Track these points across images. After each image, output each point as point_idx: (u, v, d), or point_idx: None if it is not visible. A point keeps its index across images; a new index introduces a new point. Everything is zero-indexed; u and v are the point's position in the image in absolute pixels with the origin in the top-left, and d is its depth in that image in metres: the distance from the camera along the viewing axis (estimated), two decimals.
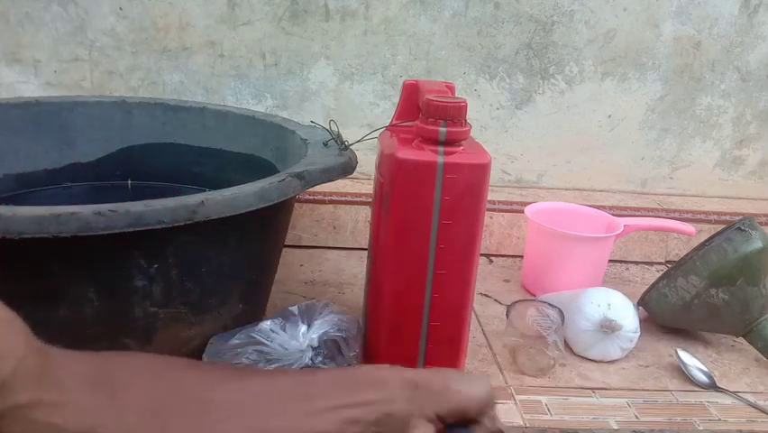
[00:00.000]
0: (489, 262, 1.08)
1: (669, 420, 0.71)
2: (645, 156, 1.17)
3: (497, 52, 1.08)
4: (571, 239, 0.91)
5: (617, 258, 1.10)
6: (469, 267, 0.67)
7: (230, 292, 0.68)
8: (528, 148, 1.14)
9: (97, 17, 1.00)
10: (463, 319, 0.70)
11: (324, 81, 1.07)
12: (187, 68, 1.04)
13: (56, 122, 0.88)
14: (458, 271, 0.67)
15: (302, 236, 1.05)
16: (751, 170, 1.21)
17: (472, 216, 0.66)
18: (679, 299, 0.84)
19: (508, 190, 1.14)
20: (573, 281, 0.90)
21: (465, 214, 0.65)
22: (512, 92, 1.11)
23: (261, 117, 0.89)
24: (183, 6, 1.01)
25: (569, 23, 1.07)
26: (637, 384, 0.77)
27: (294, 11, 1.03)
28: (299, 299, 0.76)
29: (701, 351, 0.85)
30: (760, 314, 0.82)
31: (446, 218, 0.64)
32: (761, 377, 0.81)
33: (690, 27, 1.09)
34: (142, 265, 0.58)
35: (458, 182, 0.63)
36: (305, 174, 0.67)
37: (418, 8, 1.04)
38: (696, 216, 1.11)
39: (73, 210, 0.52)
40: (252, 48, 1.04)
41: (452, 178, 0.63)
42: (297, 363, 0.63)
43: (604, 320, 0.78)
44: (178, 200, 0.57)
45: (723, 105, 1.15)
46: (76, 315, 0.58)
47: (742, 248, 0.81)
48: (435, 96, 0.64)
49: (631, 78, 1.12)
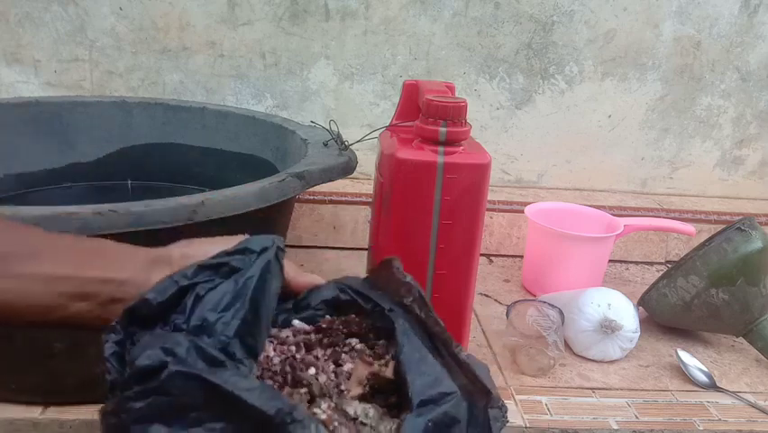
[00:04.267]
0: (489, 262, 1.08)
1: (669, 420, 0.71)
2: (645, 156, 1.17)
3: (497, 52, 1.08)
4: (571, 239, 0.91)
5: (617, 258, 1.10)
6: (469, 267, 0.67)
7: None
8: (528, 148, 1.14)
9: (97, 17, 1.00)
10: (464, 319, 0.70)
11: (324, 81, 1.07)
12: (187, 68, 1.04)
13: (56, 122, 0.88)
14: (458, 271, 0.67)
15: (302, 236, 1.05)
16: (751, 170, 1.21)
17: (472, 215, 0.66)
18: (679, 299, 0.84)
19: (508, 190, 1.14)
20: (573, 281, 0.90)
21: (465, 214, 0.65)
22: (512, 92, 1.11)
23: (261, 117, 0.89)
24: (183, 6, 1.01)
25: (569, 23, 1.07)
26: (637, 384, 0.77)
27: (294, 11, 1.03)
28: None
29: (701, 351, 0.85)
30: (760, 314, 0.82)
31: (446, 218, 0.64)
32: (761, 377, 0.81)
33: (690, 27, 1.09)
34: None
35: (458, 182, 0.64)
36: (305, 174, 0.67)
37: (418, 8, 1.04)
38: (696, 216, 1.11)
39: (73, 210, 0.52)
40: (252, 48, 1.04)
41: (452, 178, 0.63)
42: None
43: (604, 320, 0.78)
44: (177, 200, 0.57)
45: (723, 106, 1.15)
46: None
47: (742, 248, 0.81)
48: (435, 97, 0.65)
49: (631, 78, 1.12)
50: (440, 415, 0.35)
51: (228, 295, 0.36)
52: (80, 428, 0.63)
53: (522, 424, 0.68)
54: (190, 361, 0.32)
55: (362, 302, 0.42)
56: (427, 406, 0.35)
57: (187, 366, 0.31)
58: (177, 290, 0.36)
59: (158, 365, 0.31)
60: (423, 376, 0.37)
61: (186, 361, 0.31)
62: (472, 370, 0.38)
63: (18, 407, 0.63)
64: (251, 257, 0.38)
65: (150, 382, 0.31)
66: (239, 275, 0.37)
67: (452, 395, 0.36)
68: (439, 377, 0.37)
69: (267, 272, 0.38)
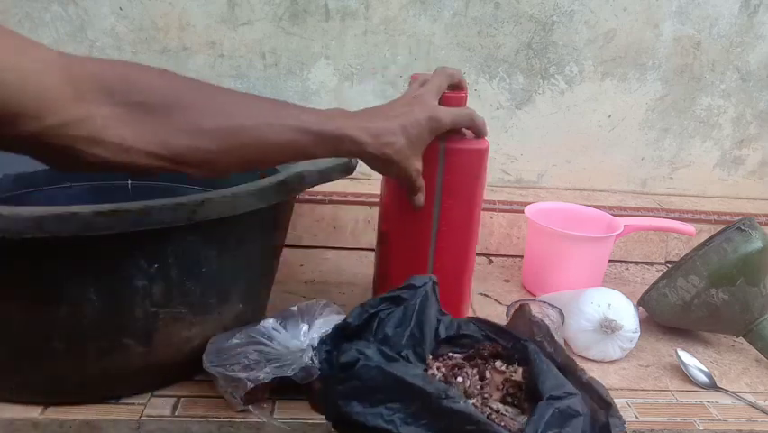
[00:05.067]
0: (489, 263, 1.08)
1: (669, 420, 0.71)
2: (645, 156, 1.17)
3: (497, 52, 1.08)
4: (571, 239, 0.91)
5: (617, 258, 1.10)
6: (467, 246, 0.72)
7: (230, 292, 0.68)
8: (528, 148, 1.14)
9: (97, 17, 1.00)
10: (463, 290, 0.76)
11: (324, 81, 1.07)
12: (187, 68, 1.04)
13: None
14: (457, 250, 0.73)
15: (302, 236, 1.05)
16: (751, 170, 1.21)
17: (471, 197, 0.71)
18: (679, 299, 0.84)
19: (508, 190, 1.14)
20: (573, 281, 0.90)
21: (465, 195, 0.71)
22: (512, 92, 1.11)
23: None
24: (183, 6, 1.01)
25: (569, 23, 1.07)
26: (637, 384, 0.77)
27: (294, 11, 1.03)
28: (299, 299, 0.76)
29: (701, 351, 0.85)
30: (760, 314, 0.82)
31: (448, 199, 0.70)
32: (761, 377, 0.81)
33: (690, 27, 1.09)
34: (142, 265, 0.58)
35: (458, 166, 0.69)
36: (304, 174, 0.67)
37: (418, 8, 1.04)
38: (696, 216, 1.11)
39: (73, 210, 0.52)
40: (252, 48, 1.04)
41: (452, 161, 0.68)
42: (298, 363, 0.63)
43: (604, 320, 0.78)
44: (177, 200, 0.57)
45: (723, 105, 1.15)
46: (76, 315, 0.58)
47: (742, 248, 0.81)
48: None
49: (631, 78, 1.12)
50: (564, 406, 0.46)
51: (400, 318, 0.50)
52: (80, 428, 0.63)
53: None
54: (375, 358, 0.46)
55: (499, 340, 0.55)
56: (555, 399, 0.46)
57: (373, 361, 0.45)
58: (367, 316, 0.50)
59: (354, 361, 0.46)
60: (551, 380, 0.48)
61: (372, 358, 0.46)
62: (594, 387, 0.50)
63: (18, 407, 0.63)
64: (415, 291, 0.52)
65: (349, 372, 0.46)
66: (407, 303, 0.51)
67: (575, 395, 0.47)
68: (564, 382, 0.48)
69: (426, 300, 0.52)
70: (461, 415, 0.42)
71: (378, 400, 0.44)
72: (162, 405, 0.66)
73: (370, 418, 0.44)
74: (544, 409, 0.45)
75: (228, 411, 0.65)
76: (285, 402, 0.66)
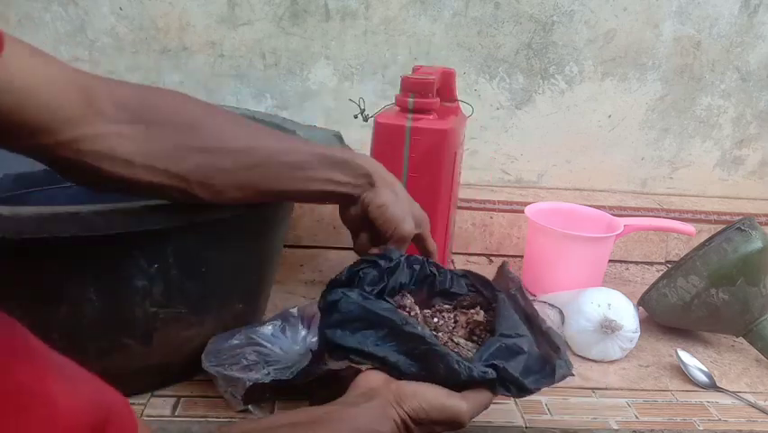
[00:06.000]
0: (489, 263, 1.08)
1: (669, 420, 0.71)
2: (645, 156, 1.17)
3: (497, 52, 1.08)
4: (571, 239, 0.91)
5: (617, 258, 1.10)
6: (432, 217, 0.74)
7: (230, 292, 0.68)
8: (528, 148, 1.14)
9: (97, 17, 1.00)
10: None
11: (324, 81, 1.07)
12: (187, 68, 1.04)
13: None
14: None
15: (302, 236, 1.05)
16: (751, 170, 1.21)
17: (435, 172, 0.80)
18: (679, 299, 0.84)
19: (508, 190, 1.14)
20: (573, 281, 0.89)
21: (429, 170, 0.80)
22: (512, 92, 1.11)
23: (261, 117, 0.89)
24: (183, 6, 1.01)
25: (569, 23, 1.07)
26: (637, 384, 0.77)
27: (294, 11, 1.03)
28: (299, 300, 0.76)
29: (701, 351, 0.85)
30: (760, 314, 0.82)
31: (413, 171, 0.79)
32: (761, 377, 0.81)
33: (690, 27, 1.09)
34: (142, 265, 0.58)
35: (421, 143, 0.78)
36: None
37: (418, 8, 1.04)
38: (696, 216, 1.11)
39: (73, 210, 0.52)
40: (252, 48, 1.04)
41: (417, 139, 0.78)
42: (297, 366, 0.63)
43: (604, 320, 0.78)
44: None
45: (723, 105, 1.15)
46: (76, 315, 0.58)
47: (742, 248, 0.81)
48: (411, 75, 0.80)
49: (631, 78, 1.12)
50: (511, 343, 0.55)
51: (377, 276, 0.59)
52: None
53: (522, 424, 0.68)
54: (354, 298, 0.55)
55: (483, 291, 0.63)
56: (505, 337, 0.55)
57: (351, 299, 0.55)
58: (353, 272, 0.58)
59: (338, 299, 0.55)
60: (507, 322, 0.57)
61: (351, 297, 0.55)
62: (550, 336, 0.57)
63: None
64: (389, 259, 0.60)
65: (334, 306, 0.55)
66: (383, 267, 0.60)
67: (524, 336, 0.56)
68: (518, 326, 0.57)
69: (398, 266, 0.61)
70: (417, 337, 0.53)
71: (355, 328, 0.54)
72: (162, 405, 0.66)
73: (349, 341, 0.54)
74: (492, 342, 0.55)
75: (228, 411, 0.65)
76: (285, 402, 0.66)
